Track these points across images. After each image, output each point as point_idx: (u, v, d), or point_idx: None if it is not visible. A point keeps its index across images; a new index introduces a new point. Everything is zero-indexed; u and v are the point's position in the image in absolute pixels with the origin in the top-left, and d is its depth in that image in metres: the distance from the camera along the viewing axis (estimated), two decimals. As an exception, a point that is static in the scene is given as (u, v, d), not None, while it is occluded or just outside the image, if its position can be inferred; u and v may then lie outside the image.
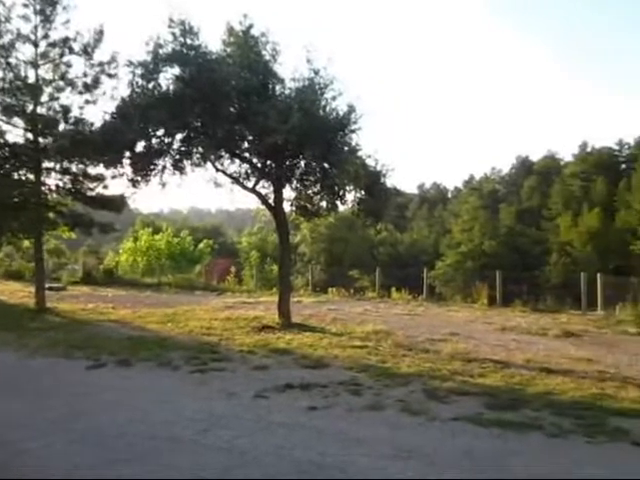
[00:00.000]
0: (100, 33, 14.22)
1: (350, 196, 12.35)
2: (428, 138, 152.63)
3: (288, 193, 12.67)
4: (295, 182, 12.32)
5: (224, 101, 10.76)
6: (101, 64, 14.21)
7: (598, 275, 17.47)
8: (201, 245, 29.14)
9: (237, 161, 12.30)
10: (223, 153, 12.01)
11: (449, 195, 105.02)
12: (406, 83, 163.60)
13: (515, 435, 5.27)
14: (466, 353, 9.24)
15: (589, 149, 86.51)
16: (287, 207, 13.06)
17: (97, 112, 17.00)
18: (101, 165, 13.82)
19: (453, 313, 15.30)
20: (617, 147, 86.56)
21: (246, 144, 11.91)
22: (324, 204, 12.84)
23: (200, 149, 11.60)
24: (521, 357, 9.04)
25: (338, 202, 12.57)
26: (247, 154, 12.13)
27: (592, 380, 7.55)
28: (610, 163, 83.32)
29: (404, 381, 7.35)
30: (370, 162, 11.97)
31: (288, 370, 8.04)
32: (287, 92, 11.46)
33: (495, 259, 29.97)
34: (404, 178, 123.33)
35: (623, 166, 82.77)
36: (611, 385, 7.29)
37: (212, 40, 11.49)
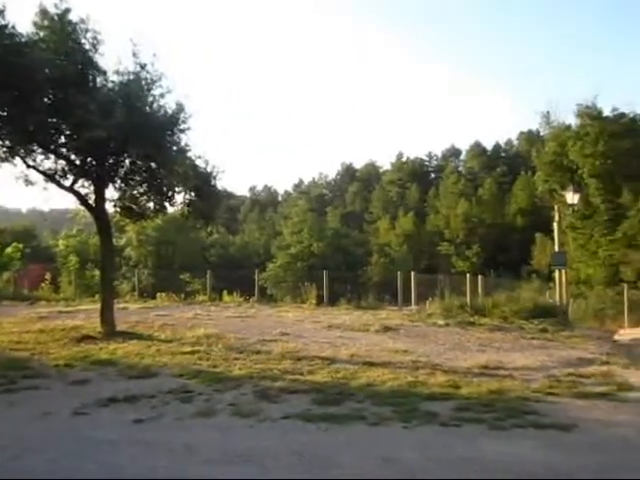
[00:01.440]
0: None
1: (179, 197, 12.03)
2: (260, 141, 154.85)
3: (111, 193, 11.91)
4: (119, 182, 11.62)
5: (36, 90, 9.73)
6: None
7: (412, 274, 19.29)
8: (9, 249, 25.96)
9: (52, 157, 11.20)
10: (35, 147, 10.85)
11: (279, 198, 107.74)
12: (238, 84, 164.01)
13: (341, 428, 5.56)
14: (296, 352, 9.53)
15: (404, 159, 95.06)
16: (110, 208, 12.29)
17: None
18: None
19: (284, 313, 15.66)
20: (427, 158, 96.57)
21: (63, 139, 10.91)
22: (151, 205, 12.31)
23: (7, 142, 10.37)
24: (346, 352, 9.58)
25: (166, 203, 12.15)
26: (64, 149, 11.12)
27: (407, 370, 8.30)
28: (422, 172, 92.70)
29: (235, 384, 7.34)
30: (200, 163, 11.76)
31: (112, 382, 7.54)
32: (110, 85, 10.76)
33: (323, 260, 31.33)
34: (235, 180, 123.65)
35: (432, 175, 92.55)
36: (423, 373, 8.08)
37: (21, 22, 10.31)
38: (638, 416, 6.00)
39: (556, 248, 18.44)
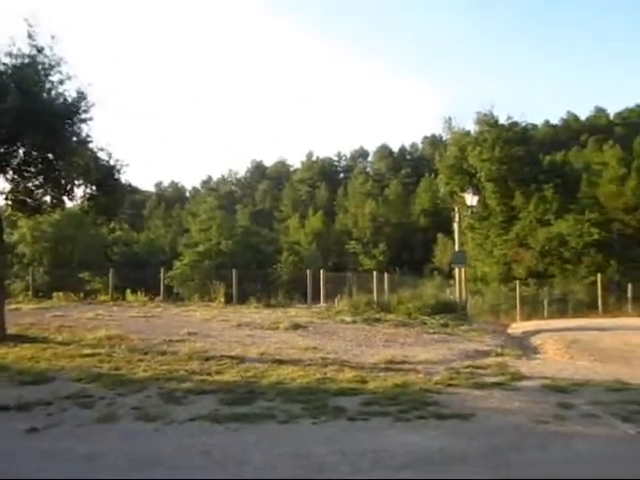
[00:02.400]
0: None
1: (79, 191, 11.40)
2: (167, 136, 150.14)
3: (2, 185, 11.05)
4: (11, 173, 10.81)
5: None
6: None
7: (321, 272, 19.54)
8: None
9: None
10: None
11: (187, 195, 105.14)
12: (147, 77, 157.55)
13: (250, 427, 5.51)
14: (204, 352, 9.33)
15: (314, 158, 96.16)
16: (1, 201, 11.40)
17: None
18: None
19: (191, 313, 15.31)
20: (336, 158, 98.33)
21: (-55, 124, 9.98)
22: (48, 199, 11.55)
23: None
24: (256, 351, 9.52)
25: (65, 197, 11.46)
26: (-54, 136, 10.17)
27: (317, 366, 8.39)
28: (331, 171, 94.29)
29: (140, 387, 7.06)
30: (103, 156, 11.22)
31: (2, 389, 6.99)
32: (2, 68, 9.98)
33: (232, 258, 30.90)
34: (140, 175, 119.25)
35: (341, 175, 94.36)
36: (332, 369, 8.21)
37: None
38: (530, 403, 6.44)
39: (456, 247, 19.42)
